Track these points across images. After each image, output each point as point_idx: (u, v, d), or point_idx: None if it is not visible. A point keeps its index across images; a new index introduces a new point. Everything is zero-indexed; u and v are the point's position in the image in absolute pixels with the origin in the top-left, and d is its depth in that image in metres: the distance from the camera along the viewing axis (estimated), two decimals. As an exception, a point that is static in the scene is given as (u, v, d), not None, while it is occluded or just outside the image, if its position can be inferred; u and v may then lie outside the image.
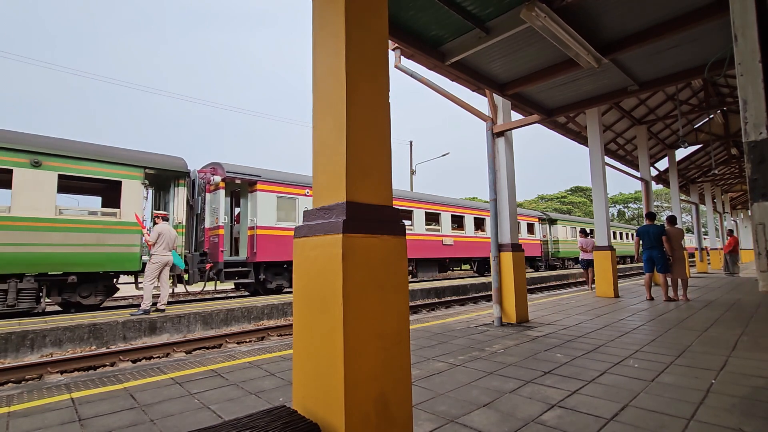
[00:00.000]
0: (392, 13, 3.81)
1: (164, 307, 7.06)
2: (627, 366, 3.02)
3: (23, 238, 7.00)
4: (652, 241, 6.87)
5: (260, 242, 10.08)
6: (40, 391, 2.72)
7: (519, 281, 5.20)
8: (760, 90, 1.04)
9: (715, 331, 4.23)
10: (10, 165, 6.97)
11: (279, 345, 4.12)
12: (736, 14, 1.13)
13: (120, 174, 8.11)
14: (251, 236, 10.21)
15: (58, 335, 5.64)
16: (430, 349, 3.70)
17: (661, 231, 6.84)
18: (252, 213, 10.34)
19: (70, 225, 7.47)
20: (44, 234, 7.19)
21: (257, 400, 2.46)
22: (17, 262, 6.97)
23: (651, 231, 6.89)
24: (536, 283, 15.36)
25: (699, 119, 11.91)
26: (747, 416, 2.05)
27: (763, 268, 1.02)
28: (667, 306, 6.32)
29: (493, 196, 5.29)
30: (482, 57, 4.58)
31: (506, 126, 5.46)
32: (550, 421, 2.05)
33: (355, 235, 1.62)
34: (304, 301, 1.78)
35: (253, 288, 11.04)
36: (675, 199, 13.44)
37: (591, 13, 3.85)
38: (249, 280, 10.09)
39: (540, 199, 59.01)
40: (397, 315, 1.75)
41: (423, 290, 11.05)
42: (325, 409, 1.61)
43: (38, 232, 7.13)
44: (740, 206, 27.29)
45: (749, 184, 1.03)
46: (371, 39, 1.84)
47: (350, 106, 1.71)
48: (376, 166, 1.79)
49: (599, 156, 7.96)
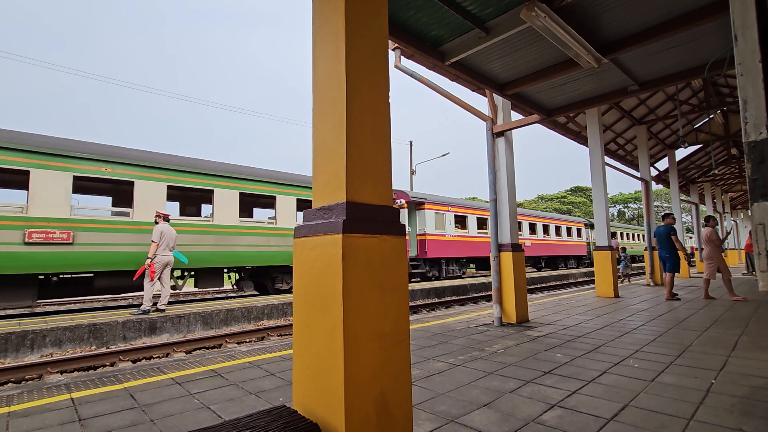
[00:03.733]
0: (392, 13, 3.81)
1: (164, 307, 7.05)
2: (627, 366, 3.02)
3: (228, 240, 9.38)
4: (660, 241, 7.05)
5: (429, 244, 14.40)
6: (40, 391, 2.72)
7: (519, 281, 5.20)
8: (760, 90, 1.04)
9: (715, 331, 4.23)
10: (212, 186, 9.28)
11: (279, 345, 4.12)
12: (736, 14, 1.13)
13: (300, 194, 11.14)
14: (422, 240, 14.47)
15: (58, 335, 5.64)
16: (430, 349, 3.70)
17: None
18: (421, 224, 14.65)
19: (270, 231, 10.29)
20: (239, 237, 9.60)
21: (257, 400, 2.46)
22: (240, 258, 9.59)
23: (660, 231, 7.08)
24: (536, 283, 15.37)
25: (699, 119, 11.90)
26: (747, 416, 2.05)
27: (763, 268, 1.02)
28: (665, 306, 6.32)
29: (493, 196, 5.29)
30: (482, 57, 4.58)
31: (506, 126, 5.46)
32: (550, 421, 2.05)
33: (355, 235, 1.62)
34: (304, 301, 1.78)
35: (419, 277, 14.96)
36: (675, 199, 13.44)
37: (591, 13, 3.85)
38: (420, 270, 14.28)
39: (540, 199, 59.01)
40: (397, 315, 1.75)
41: (423, 290, 11.05)
42: (325, 408, 1.61)
43: (232, 236, 9.49)
44: (740, 206, 27.28)
45: (749, 184, 1.03)
46: (371, 39, 1.84)
47: (350, 106, 1.71)
48: (376, 166, 1.79)
49: (599, 156, 7.96)
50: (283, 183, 10.55)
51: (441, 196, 15.85)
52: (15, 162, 6.83)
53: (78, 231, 7.29)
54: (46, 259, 6.95)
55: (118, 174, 7.94)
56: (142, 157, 8.34)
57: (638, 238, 31.34)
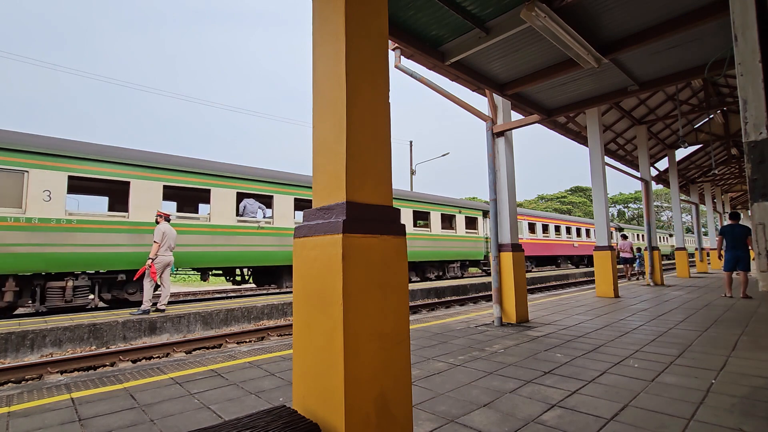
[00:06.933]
0: (392, 13, 3.81)
1: (164, 307, 7.05)
2: (627, 366, 3.02)
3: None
4: (735, 240, 7.16)
5: None
6: (40, 391, 2.72)
7: (519, 281, 5.19)
8: (760, 90, 1.04)
9: (715, 331, 4.23)
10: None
11: (279, 345, 4.12)
12: (736, 14, 1.12)
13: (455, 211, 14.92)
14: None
15: (58, 335, 5.64)
16: (430, 349, 3.70)
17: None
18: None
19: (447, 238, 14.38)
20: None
21: (257, 400, 2.46)
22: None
23: (736, 231, 7.16)
24: (536, 283, 15.37)
25: (699, 119, 11.90)
26: (747, 416, 2.05)
27: (763, 268, 1.02)
28: (665, 306, 6.32)
29: (493, 196, 5.29)
30: (482, 57, 4.58)
31: (506, 126, 5.46)
32: (550, 421, 2.05)
33: (355, 235, 1.62)
34: (304, 301, 1.78)
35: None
36: (675, 199, 13.45)
37: (591, 13, 3.85)
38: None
39: (540, 199, 59.01)
40: (397, 315, 1.75)
41: (423, 290, 11.05)
42: (325, 408, 1.60)
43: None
44: (740, 206, 27.28)
45: (749, 184, 1.03)
46: (371, 39, 1.84)
47: (350, 106, 1.71)
48: (376, 166, 1.79)
49: (599, 156, 7.96)
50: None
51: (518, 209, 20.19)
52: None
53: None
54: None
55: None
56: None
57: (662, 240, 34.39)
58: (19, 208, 6.81)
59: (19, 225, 6.75)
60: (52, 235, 7.04)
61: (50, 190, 7.11)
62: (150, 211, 8.06)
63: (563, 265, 24.74)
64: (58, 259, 7.08)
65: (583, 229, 25.75)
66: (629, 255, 13.24)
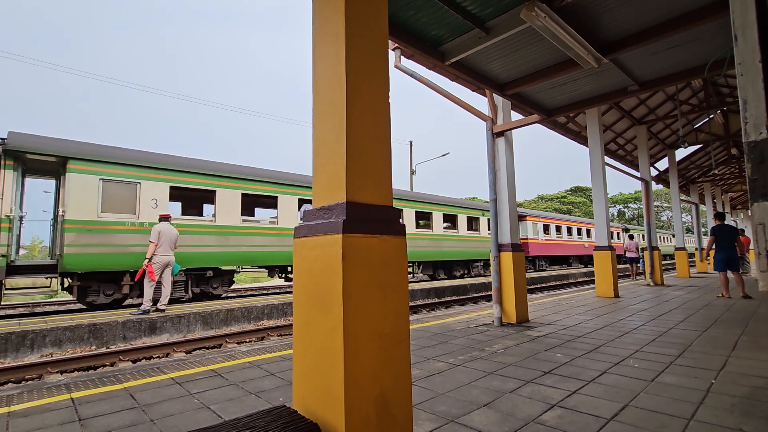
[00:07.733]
0: (392, 13, 3.81)
1: (164, 307, 7.05)
2: (627, 366, 3.02)
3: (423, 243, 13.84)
4: (727, 240, 7.18)
5: (531, 246, 19.93)
6: (40, 391, 2.72)
7: (519, 281, 5.19)
8: (760, 90, 1.04)
9: (715, 331, 4.23)
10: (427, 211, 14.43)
11: (279, 345, 4.12)
12: (736, 14, 1.12)
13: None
14: (524, 243, 19.59)
15: (58, 335, 5.64)
16: (430, 349, 3.70)
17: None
18: (523, 230, 19.90)
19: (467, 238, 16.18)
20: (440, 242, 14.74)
21: (257, 400, 2.46)
22: (427, 255, 14.13)
23: (727, 231, 7.18)
24: (536, 283, 15.36)
25: (699, 119, 11.90)
26: (747, 416, 2.05)
27: (763, 268, 1.02)
28: (665, 306, 6.32)
29: (493, 196, 5.29)
30: (482, 57, 4.58)
31: (506, 126, 5.46)
32: (550, 421, 2.05)
33: (355, 235, 1.62)
34: (304, 301, 1.78)
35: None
36: (675, 199, 13.45)
37: (591, 13, 3.85)
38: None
39: (540, 199, 59.01)
40: (397, 315, 1.75)
41: (423, 290, 11.05)
42: (325, 408, 1.60)
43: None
44: (740, 206, 27.27)
45: (749, 184, 1.03)
46: (371, 38, 1.84)
47: (350, 106, 1.71)
48: (376, 166, 1.79)
49: (599, 156, 7.96)
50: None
51: (538, 212, 22.41)
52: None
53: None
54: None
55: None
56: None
57: (666, 240, 35.61)
58: (133, 214, 8.00)
59: (134, 228, 7.97)
60: None
61: (157, 198, 8.28)
62: (231, 216, 9.29)
63: (574, 264, 26.12)
64: None
65: (593, 230, 26.82)
66: (635, 254, 13.43)
